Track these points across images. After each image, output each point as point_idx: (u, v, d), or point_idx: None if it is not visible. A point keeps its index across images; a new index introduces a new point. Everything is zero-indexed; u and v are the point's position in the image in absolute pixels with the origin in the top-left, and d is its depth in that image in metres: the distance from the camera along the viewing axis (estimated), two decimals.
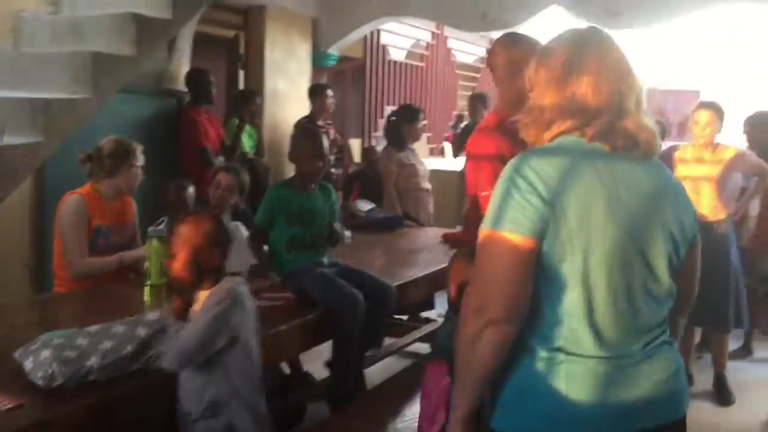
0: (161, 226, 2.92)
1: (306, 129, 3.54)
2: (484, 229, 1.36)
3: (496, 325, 1.32)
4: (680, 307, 1.54)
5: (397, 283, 3.28)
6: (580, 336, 1.34)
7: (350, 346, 2.78)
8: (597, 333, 1.34)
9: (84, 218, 3.00)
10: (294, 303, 2.75)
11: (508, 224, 1.32)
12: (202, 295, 2.11)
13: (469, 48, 10.00)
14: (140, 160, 3.14)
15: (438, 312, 5.00)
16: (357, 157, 7.07)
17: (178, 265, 2.10)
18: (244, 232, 3.35)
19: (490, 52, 2.48)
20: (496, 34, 8.02)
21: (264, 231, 2.97)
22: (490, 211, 1.36)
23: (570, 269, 1.32)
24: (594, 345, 1.34)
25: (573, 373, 1.34)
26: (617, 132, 1.38)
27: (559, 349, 1.35)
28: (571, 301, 1.34)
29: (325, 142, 2.99)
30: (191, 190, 3.67)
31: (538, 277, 1.35)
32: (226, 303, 2.03)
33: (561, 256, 1.32)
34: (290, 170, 3.17)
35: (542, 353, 1.36)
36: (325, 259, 3.02)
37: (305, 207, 2.94)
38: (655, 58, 10.26)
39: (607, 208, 1.32)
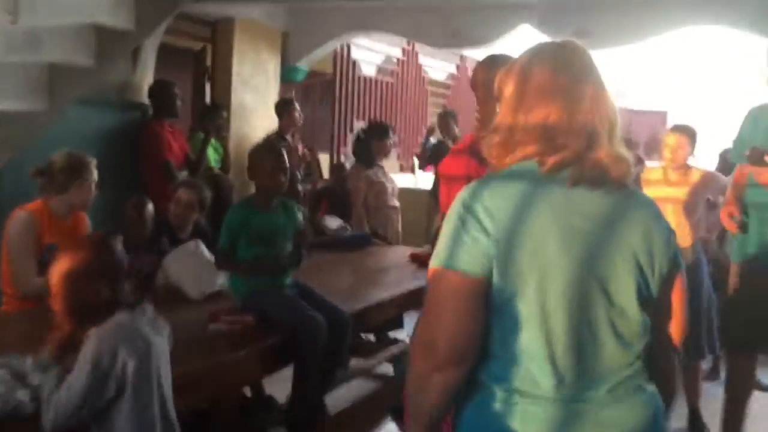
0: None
1: (265, 142, 3.44)
2: (433, 265, 1.29)
3: (444, 368, 1.25)
4: (664, 340, 1.40)
5: (364, 305, 3.23)
6: (537, 377, 1.25)
7: (311, 370, 2.68)
8: (556, 374, 1.25)
9: (32, 236, 2.87)
10: (253, 326, 2.65)
11: (455, 261, 1.26)
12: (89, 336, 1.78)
13: (439, 65, 10.00)
14: (94, 174, 3.02)
15: (407, 332, 4.92)
16: (326, 172, 6.99)
17: (57, 304, 1.79)
18: (204, 250, 3.24)
19: (473, 72, 2.50)
20: (467, 52, 7.96)
21: (229, 255, 2.84)
22: (438, 247, 1.30)
23: (524, 307, 1.24)
24: (553, 387, 1.25)
25: (529, 415, 1.25)
26: (586, 163, 1.27)
27: (516, 390, 1.26)
28: (528, 340, 1.25)
29: (286, 156, 2.89)
30: (150, 206, 3.54)
31: (491, 314, 1.27)
32: (104, 348, 1.72)
33: (513, 293, 1.25)
34: None
35: (498, 393, 1.28)
36: (288, 280, 2.91)
37: (267, 226, 2.83)
38: (624, 79, 10.38)
39: (560, 240, 1.24)
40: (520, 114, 1.33)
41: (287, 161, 2.89)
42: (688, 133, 3.80)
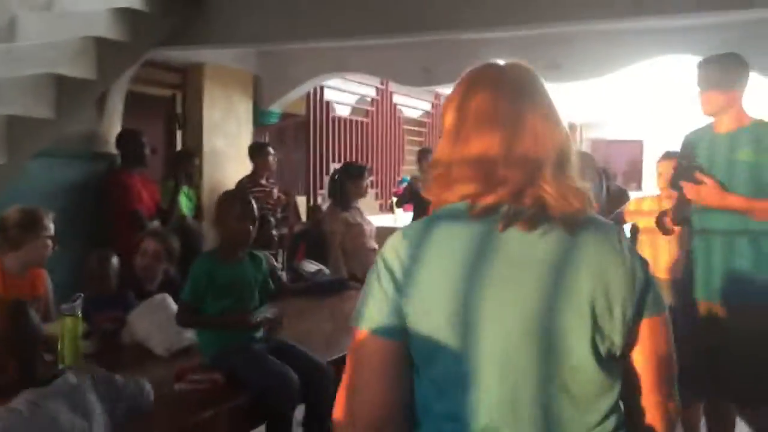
0: (76, 303, 2.66)
1: (233, 190, 3.39)
2: (352, 325, 1.16)
3: None
4: (638, 396, 1.18)
5: (344, 353, 3.09)
6: None
7: (283, 430, 2.54)
8: None
9: None
10: (221, 385, 2.51)
11: (370, 323, 1.13)
12: None
13: (414, 102, 9.98)
14: (50, 229, 2.89)
15: None
16: (304, 215, 6.88)
17: None
18: (171, 303, 3.10)
19: None
20: (441, 89, 7.91)
21: (193, 310, 2.70)
22: (357, 306, 1.17)
23: (447, 371, 1.10)
24: None
25: None
26: (524, 200, 1.11)
27: None
28: (454, 408, 1.10)
29: (254, 204, 2.78)
30: (115, 260, 3.40)
31: (417, 378, 1.14)
32: None
33: (432, 356, 1.10)
34: None
35: None
36: (259, 334, 2.78)
37: (234, 278, 2.71)
38: (600, 110, 10.42)
39: (490, 292, 1.08)
40: (457, 146, 1.18)
41: (255, 210, 2.78)
42: None
